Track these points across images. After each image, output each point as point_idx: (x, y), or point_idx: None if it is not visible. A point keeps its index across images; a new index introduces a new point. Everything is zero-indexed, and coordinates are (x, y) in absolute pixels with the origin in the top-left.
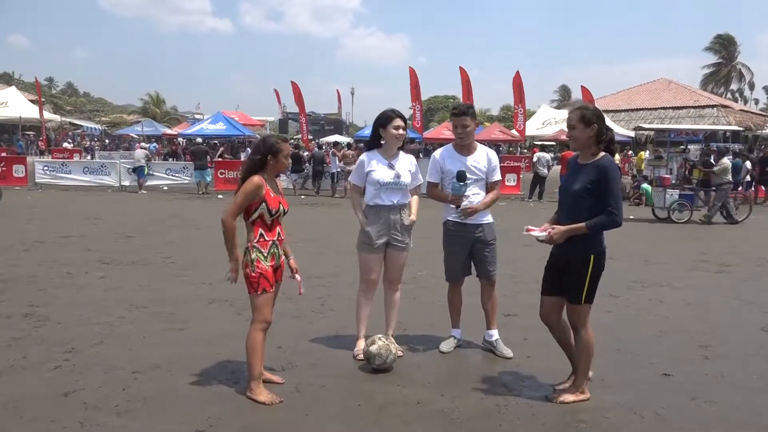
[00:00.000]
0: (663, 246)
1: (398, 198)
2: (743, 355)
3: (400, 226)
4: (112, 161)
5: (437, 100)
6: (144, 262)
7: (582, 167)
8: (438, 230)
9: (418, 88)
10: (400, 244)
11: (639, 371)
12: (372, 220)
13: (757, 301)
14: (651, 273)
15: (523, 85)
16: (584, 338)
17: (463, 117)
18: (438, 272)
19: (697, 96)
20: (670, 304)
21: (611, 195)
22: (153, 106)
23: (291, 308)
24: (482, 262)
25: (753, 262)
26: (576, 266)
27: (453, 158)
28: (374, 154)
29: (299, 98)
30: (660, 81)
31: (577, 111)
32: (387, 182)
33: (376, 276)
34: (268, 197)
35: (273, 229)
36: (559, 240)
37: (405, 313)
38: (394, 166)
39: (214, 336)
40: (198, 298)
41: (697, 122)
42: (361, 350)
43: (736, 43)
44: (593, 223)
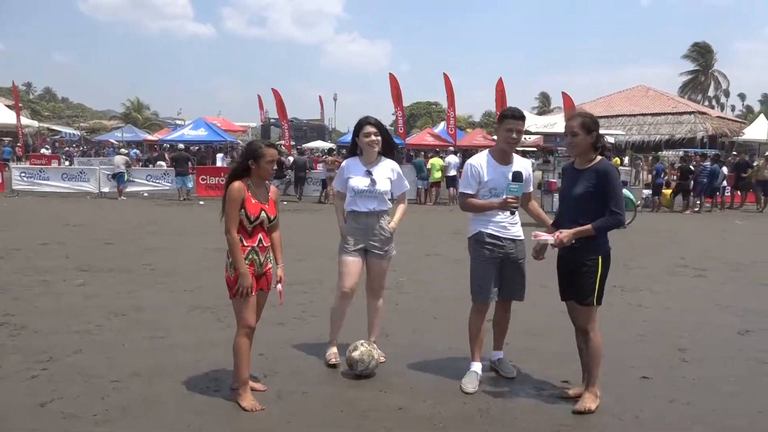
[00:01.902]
0: (643, 250)
1: (374, 205)
2: (720, 358)
3: (378, 233)
4: (91, 167)
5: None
6: (124, 269)
7: (581, 172)
8: (419, 237)
9: (399, 94)
10: (379, 251)
11: (619, 374)
12: (350, 225)
13: (733, 305)
14: (631, 277)
15: (505, 91)
16: (595, 340)
17: (521, 121)
18: (420, 277)
19: (674, 102)
20: (650, 308)
21: (613, 196)
22: (134, 111)
23: (273, 315)
24: (512, 282)
25: (729, 267)
26: (586, 268)
27: (492, 167)
28: (354, 161)
29: (280, 105)
30: (638, 88)
31: (578, 119)
32: (361, 189)
33: (354, 280)
34: (248, 203)
35: (254, 235)
36: (567, 243)
37: (387, 318)
38: (371, 173)
39: (195, 344)
40: (179, 305)
41: (675, 128)
42: (333, 355)
43: (713, 51)
44: (599, 224)
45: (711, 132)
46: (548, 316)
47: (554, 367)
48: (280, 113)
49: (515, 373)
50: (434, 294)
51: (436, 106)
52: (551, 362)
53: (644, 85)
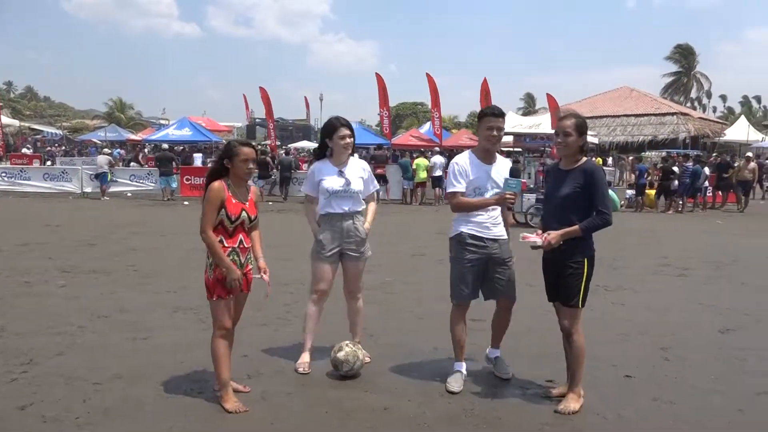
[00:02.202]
0: (626, 250)
1: (349, 205)
2: (702, 356)
3: (353, 234)
4: (74, 167)
5: (405, 106)
6: (106, 270)
7: (567, 173)
8: (404, 237)
9: (385, 94)
10: (354, 253)
11: (602, 373)
12: (324, 228)
13: (714, 304)
14: (615, 277)
15: (490, 91)
16: (578, 342)
17: (501, 119)
18: (406, 277)
19: (658, 104)
20: (633, 308)
21: (600, 196)
22: (117, 111)
23: (257, 316)
24: (500, 282)
25: (711, 266)
26: (572, 270)
27: (475, 166)
28: (324, 163)
29: (267, 104)
30: (622, 89)
31: (572, 119)
32: (336, 190)
33: (327, 286)
34: (229, 203)
35: (234, 236)
36: (556, 244)
37: (372, 319)
38: (344, 173)
39: (178, 345)
40: (162, 306)
41: (658, 129)
42: (304, 364)
43: (695, 53)
44: (586, 224)
45: (693, 133)
46: (533, 316)
47: (539, 366)
48: (267, 113)
49: (511, 374)
50: (420, 294)
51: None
52: (536, 362)
53: (628, 86)
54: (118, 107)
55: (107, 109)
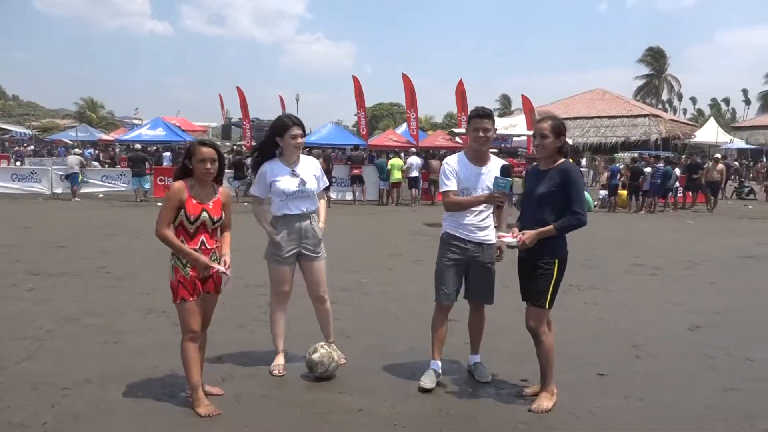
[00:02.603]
0: (599, 250)
1: (307, 205)
2: (672, 354)
3: (311, 234)
4: (43, 168)
5: (382, 107)
6: (76, 273)
7: (544, 173)
8: (380, 237)
9: (362, 95)
10: (313, 253)
11: (575, 372)
12: (281, 230)
13: (684, 302)
14: (588, 276)
15: (466, 93)
16: (546, 342)
17: (487, 120)
18: (382, 278)
19: (630, 106)
20: (605, 306)
21: (575, 196)
22: (88, 110)
23: (232, 317)
24: (479, 285)
25: (681, 266)
26: (542, 270)
27: (465, 167)
28: (275, 163)
29: (243, 104)
30: (596, 91)
31: (548, 121)
32: (293, 191)
33: (288, 288)
34: (188, 204)
35: (196, 237)
36: (530, 244)
37: (348, 320)
38: (297, 173)
39: (150, 348)
40: (134, 309)
41: (630, 130)
42: (278, 367)
43: (666, 56)
44: (561, 224)
45: (664, 134)
46: (507, 315)
47: (513, 365)
48: (243, 112)
49: (490, 377)
50: (396, 295)
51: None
52: (510, 361)
53: (601, 88)
54: (90, 106)
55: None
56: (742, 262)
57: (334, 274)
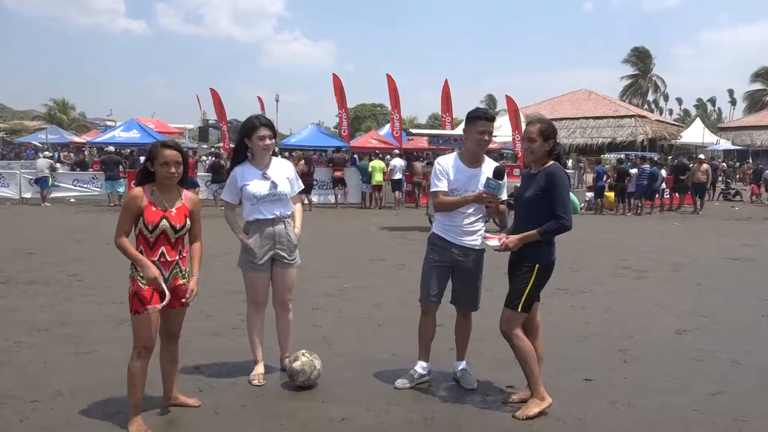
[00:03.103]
0: (586, 253)
1: (280, 209)
2: (659, 357)
3: (285, 240)
4: (11, 171)
5: (364, 108)
6: (46, 281)
7: (533, 176)
8: (363, 241)
9: (343, 95)
10: (286, 259)
11: (561, 377)
12: (253, 235)
13: (671, 304)
14: (574, 280)
15: (450, 93)
16: (519, 344)
17: (492, 123)
18: (364, 283)
19: (616, 106)
20: (592, 310)
21: (559, 200)
22: (59, 112)
23: (209, 325)
24: (462, 290)
25: (668, 268)
26: (520, 272)
27: (457, 169)
28: (245, 167)
29: (219, 105)
30: (581, 91)
31: (536, 125)
32: (264, 195)
33: (265, 296)
34: (147, 210)
35: (156, 248)
36: (514, 248)
37: (330, 326)
38: (268, 176)
39: (125, 359)
40: (107, 318)
41: (616, 132)
42: (258, 376)
43: (652, 56)
44: (543, 229)
45: (650, 135)
46: (492, 321)
47: (499, 372)
48: (218, 114)
49: (476, 384)
50: (379, 300)
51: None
52: (496, 367)
53: (587, 88)
54: (60, 108)
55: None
56: (729, 263)
57: (315, 279)
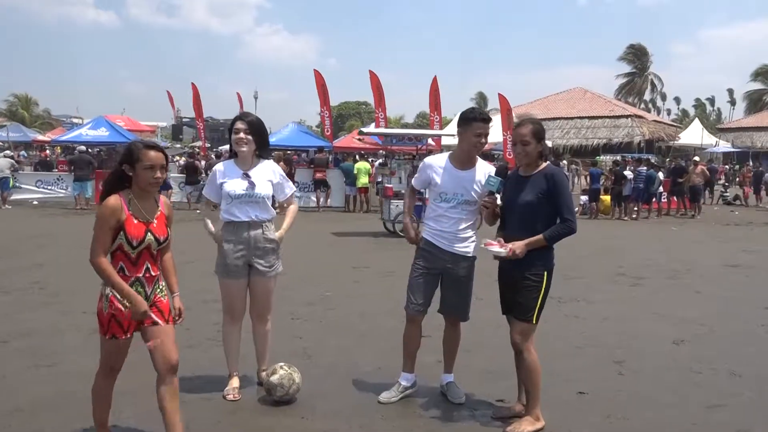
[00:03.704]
0: (581, 259)
1: (256, 213)
2: (656, 369)
3: (262, 245)
4: None
5: (348, 105)
6: (5, 289)
7: (527, 179)
8: (346, 247)
9: (325, 92)
10: (263, 266)
11: (554, 390)
12: (228, 238)
13: (669, 314)
14: (568, 288)
15: (439, 91)
16: (529, 359)
17: (488, 125)
18: (347, 291)
19: (612, 106)
20: (586, 319)
21: (564, 202)
22: (21, 108)
23: (184, 337)
24: (450, 299)
25: (665, 275)
26: (530, 282)
27: (447, 172)
28: (229, 165)
29: (197, 101)
30: (576, 90)
31: (529, 126)
32: (239, 194)
33: (241, 305)
34: (129, 224)
35: (139, 263)
36: (521, 254)
37: (311, 337)
38: (249, 176)
39: (91, 372)
40: (72, 328)
41: (612, 132)
42: (233, 390)
43: (648, 54)
44: (551, 233)
45: (648, 136)
46: (481, 331)
47: (489, 384)
48: (196, 111)
49: (464, 398)
50: (363, 309)
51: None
52: (485, 380)
53: (582, 87)
54: (23, 104)
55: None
56: (729, 270)
57: (295, 287)
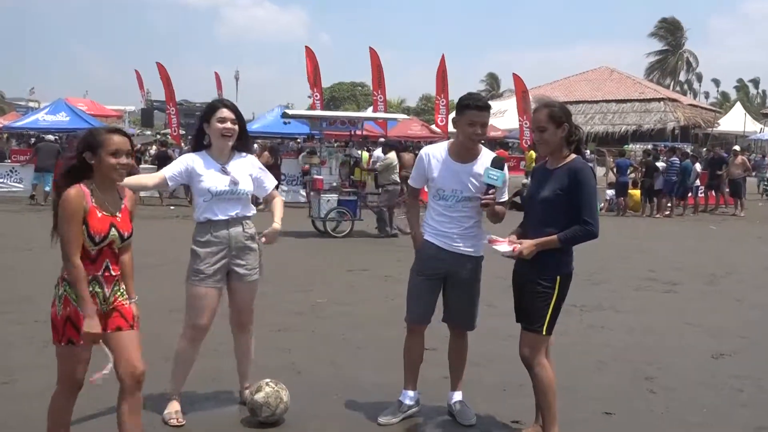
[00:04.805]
0: (606, 262)
1: (237, 210)
2: (691, 386)
3: (243, 246)
4: None
5: (342, 87)
6: None
7: (551, 172)
8: (340, 248)
9: (317, 72)
10: (244, 270)
11: (577, 410)
12: (203, 239)
13: (706, 324)
14: (592, 294)
15: (447, 71)
16: (541, 375)
17: (486, 112)
18: (341, 298)
19: (642, 88)
20: (613, 330)
21: (584, 202)
22: None
23: (158, 350)
24: (456, 306)
25: (702, 279)
26: (540, 288)
27: (444, 164)
28: (202, 156)
29: (167, 83)
30: (602, 69)
31: (544, 110)
32: (221, 191)
33: (209, 319)
34: (92, 217)
35: (98, 261)
36: (528, 255)
37: (300, 349)
38: (227, 170)
39: (49, 388)
40: (28, 341)
41: (642, 117)
42: (175, 414)
43: (683, 29)
44: (566, 235)
45: (683, 122)
46: (495, 342)
47: (501, 403)
48: (167, 93)
49: (474, 419)
50: (359, 318)
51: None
52: (498, 397)
53: (608, 66)
54: None
55: None
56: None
57: (282, 294)
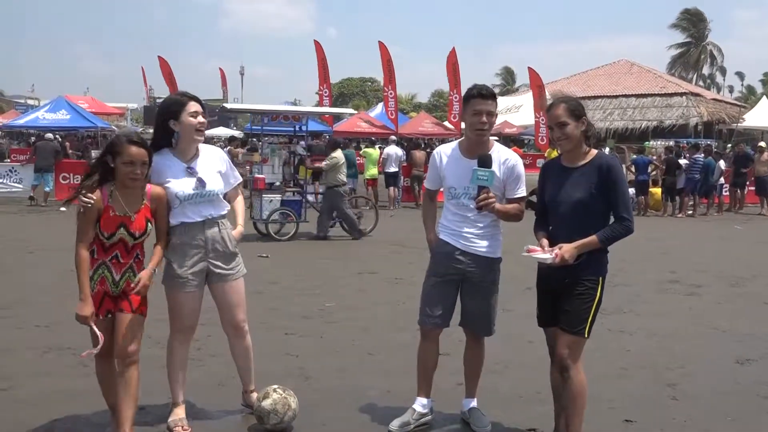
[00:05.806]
0: (627, 263)
1: (210, 211)
2: (716, 393)
3: (221, 246)
4: None
5: (351, 83)
6: None
7: (574, 170)
8: (349, 250)
9: (326, 67)
10: (225, 270)
11: (596, 417)
12: (181, 243)
13: (731, 328)
14: (613, 297)
15: (458, 65)
16: (576, 379)
17: (491, 101)
18: (351, 302)
19: (663, 82)
20: (634, 335)
21: (620, 198)
22: None
23: (160, 355)
24: (471, 310)
25: (727, 282)
26: (584, 289)
27: (454, 161)
28: (166, 157)
29: (170, 79)
30: (621, 63)
31: (561, 104)
32: (188, 195)
33: (193, 321)
34: (104, 217)
35: (110, 250)
36: (571, 260)
37: (308, 355)
38: (194, 171)
39: (49, 395)
40: (28, 346)
41: (663, 113)
42: (180, 422)
43: (706, 20)
44: (605, 234)
45: (706, 117)
46: (510, 348)
47: (518, 411)
48: (169, 90)
49: (490, 427)
50: (368, 323)
51: (373, 83)
52: (515, 405)
53: (627, 59)
54: None
55: None
56: None
57: (290, 297)
